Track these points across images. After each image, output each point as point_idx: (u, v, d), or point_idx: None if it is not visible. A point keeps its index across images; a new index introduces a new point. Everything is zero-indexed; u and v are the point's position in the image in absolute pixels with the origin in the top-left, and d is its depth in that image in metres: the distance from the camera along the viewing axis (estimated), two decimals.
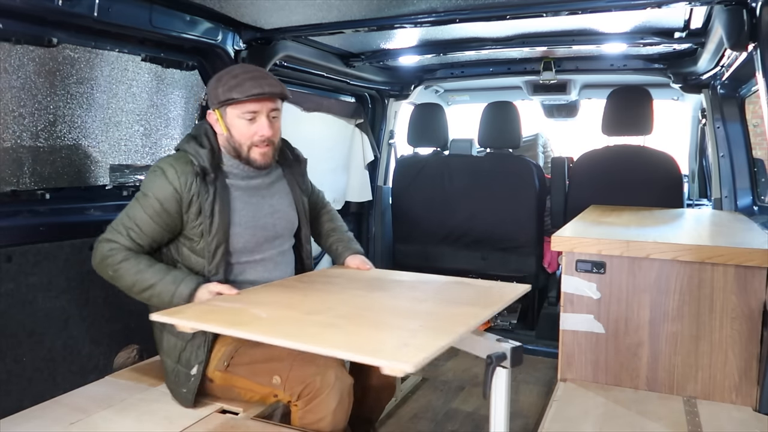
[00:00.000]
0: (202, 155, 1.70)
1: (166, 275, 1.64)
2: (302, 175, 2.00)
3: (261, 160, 1.75)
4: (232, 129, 1.73)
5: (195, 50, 2.30)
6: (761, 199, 2.86)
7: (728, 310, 1.72)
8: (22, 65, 1.79)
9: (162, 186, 1.67)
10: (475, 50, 2.97)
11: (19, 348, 1.78)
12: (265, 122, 1.71)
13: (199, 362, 1.68)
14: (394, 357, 1.10)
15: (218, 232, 1.70)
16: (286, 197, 1.92)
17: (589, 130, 4.47)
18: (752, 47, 1.85)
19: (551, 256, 3.41)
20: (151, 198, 1.67)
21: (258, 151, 1.74)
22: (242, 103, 1.68)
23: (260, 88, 1.67)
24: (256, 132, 1.71)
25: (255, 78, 1.69)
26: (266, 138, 1.72)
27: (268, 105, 1.71)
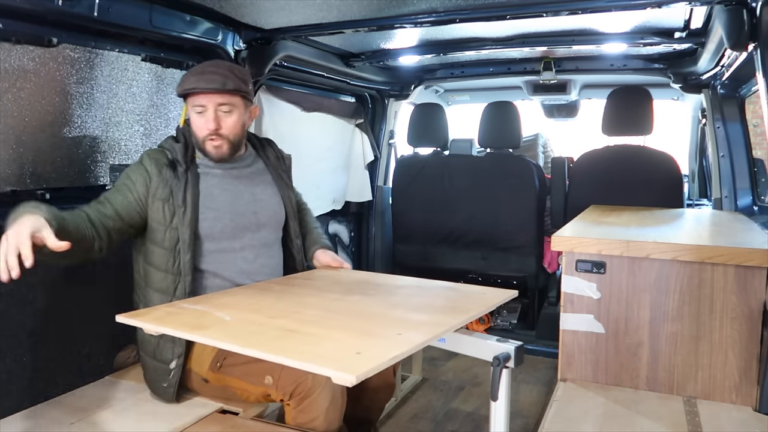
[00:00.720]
0: (175, 148, 1.79)
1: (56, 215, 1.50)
2: (287, 171, 2.04)
3: (214, 152, 1.80)
4: (190, 120, 1.81)
5: (195, 50, 2.30)
6: (761, 199, 2.86)
7: (728, 310, 1.72)
8: (22, 65, 1.79)
9: (136, 170, 1.75)
10: (475, 50, 2.97)
11: (19, 348, 1.78)
12: (211, 116, 1.75)
13: (178, 356, 1.69)
14: (344, 367, 1.07)
15: (191, 219, 1.72)
16: (270, 189, 1.94)
17: (589, 130, 4.47)
18: (752, 47, 1.85)
19: (551, 256, 3.42)
20: (125, 178, 1.75)
21: (210, 144, 1.79)
22: (194, 95, 1.74)
23: (196, 83, 1.72)
24: (204, 125, 1.77)
25: (202, 73, 1.74)
26: (212, 131, 1.76)
27: (215, 99, 1.74)
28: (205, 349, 1.70)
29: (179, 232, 1.71)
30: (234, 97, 1.76)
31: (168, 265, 1.72)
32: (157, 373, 1.72)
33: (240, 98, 1.78)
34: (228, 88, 1.73)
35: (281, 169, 2.00)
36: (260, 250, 1.87)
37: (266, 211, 1.90)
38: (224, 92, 1.74)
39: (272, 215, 1.92)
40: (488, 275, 3.49)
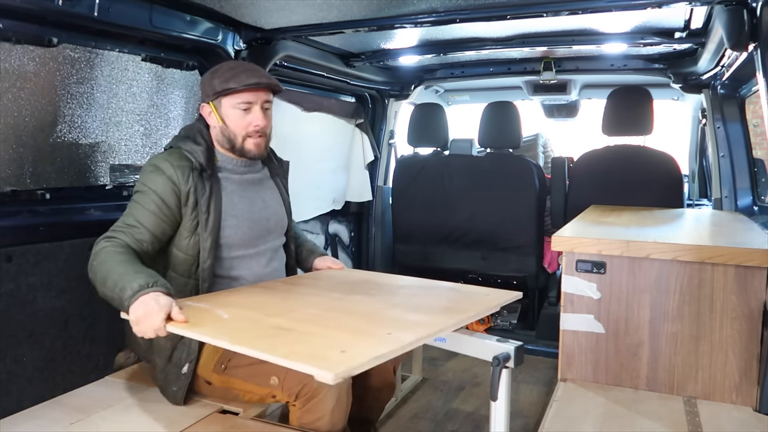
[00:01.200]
0: (198, 152, 1.73)
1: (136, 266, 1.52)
2: (285, 177, 2.05)
3: (255, 150, 1.79)
4: (226, 120, 1.76)
5: (195, 50, 2.30)
6: (761, 199, 2.86)
7: (728, 310, 1.71)
8: (22, 65, 1.79)
9: (159, 181, 1.67)
10: (475, 50, 2.97)
11: (19, 348, 1.78)
12: (260, 113, 1.76)
13: (191, 360, 1.69)
14: (325, 365, 1.08)
15: (213, 228, 1.71)
16: (275, 194, 1.96)
17: (589, 130, 4.47)
18: (752, 47, 1.85)
19: (551, 256, 3.42)
20: (150, 193, 1.67)
21: (252, 141, 1.78)
22: (238, 93, 1.72)
23: (257, 78, 1.73)
24: (251, 122, 1.75)
25: (250, 70, 1.76)
26: (260, 128, 1.77)
27: (262, 96, 1.76)
28: (211, 352, 1.70)
29: (201, 238, 1.70)
30: (271, 95, 1.80)
31: (191, 270, 1.72)
32: (170, 377, 1.71)
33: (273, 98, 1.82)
34: (279, 86, 1.79)
35: (281, 175, 2.02)
36: (272, 255, 1.90)
37: (275, 216, 1.92)
38: (268, 89, 1.77)
39: (279, 221, 1.94)
40: (488, 275, 3.49)
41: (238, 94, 1.73)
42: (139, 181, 1.72)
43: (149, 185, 1.68)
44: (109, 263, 1.53)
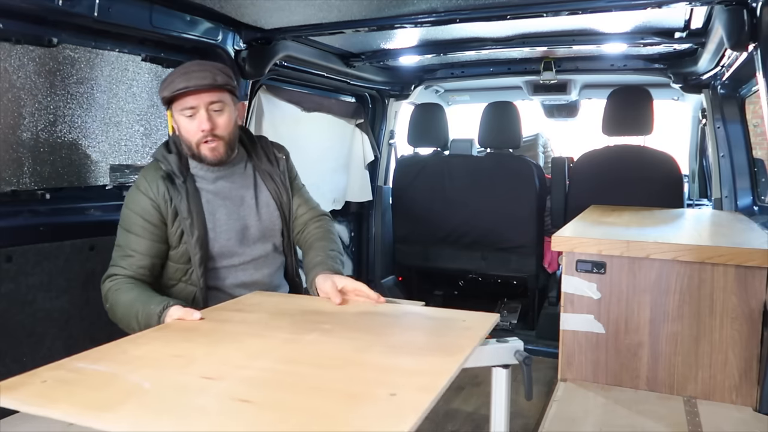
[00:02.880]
0: (169, 160, 1.68)
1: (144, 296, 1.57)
2: (283, 173, 1.87)
3: (211, 155, 1.67)
4: (179, 128, 1.68)
5: (195, 50, 2.30)
6: (761, 199, 2.86)
7: (728, 310, 1.71)
8: (22, 65, 1.79)
9: (137, 200, 1.66)
10: (475, 50, 2.97)
11: (19, 348, 1.78)
12: (204, 116, 1.63)
13: None
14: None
15: (199, 232, 1.67)
16: (264, 195, 1.83)
17: (590, 130, 4.47)
18: (752, 47, 1.85)
19: (551, 256, 3.42)
20: (132, 215, 1.65)
21: (206, 147, 1.66)
22: (179, 99, 1.62)
23: (186, 82, 1.59)
24: (197, 128, 1.64)
25: (186, 73, 1.62)
26: (207, 131, 1.63)
27: (205, 98, 1.62)
28: None
29: (189, 245, 1.67)
30: (223, 93, 1.66)
31: (185, 278, 1.71)
32: None
33: (229, 95, 1.68)
34: (218, 83, 1.63)
35: (274, 172, 1.85)
36: (261, 261, 1.81)
37: (263, 220, 1.81)
38: (214, 89, 1.63)
39: (268, 224, 1.82)
40: (488, 275, 3.49)
41: (180, 100, 1.62)
42: (125, 202, 1.69)
43: (131, 208, 1.66)
44: (122, 304, 1.58)
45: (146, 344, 1.26)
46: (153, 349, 1.22)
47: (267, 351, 1.18)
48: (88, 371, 1.09)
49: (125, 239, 1.66)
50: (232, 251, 1.75)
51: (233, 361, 1.12)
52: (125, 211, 1.67)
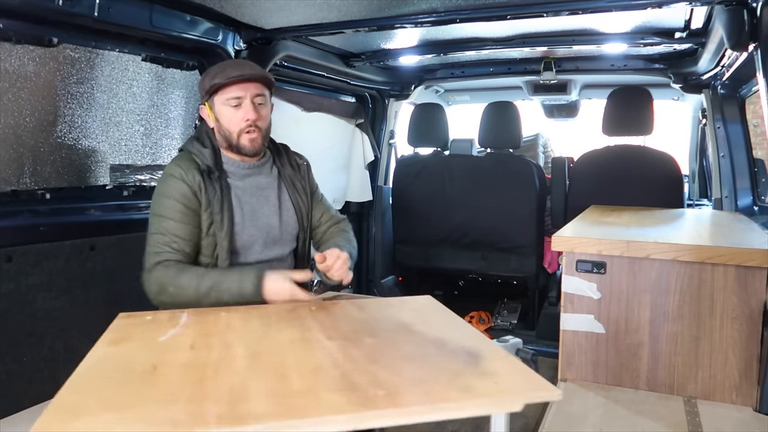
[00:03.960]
0: (205, 154, 1.72)
1: (227, 271, 1.64)
2: (303, 179, 1.95)
3: (250, 145, 1.74)
4: (220, 118, 1.73)
5: (195, 50, 2.30)
6: (761, 199, 2.86)
7: (728, 310, 1.71)
8: (22, 65, 1.79)
9: (175, 186, 1.67)
10: (475, 50, 2.98)
11: (19, 348, 1.78)
12: (249, 105, 1.71)
13: None
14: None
15: (228, 230, 1.70)
16: (286, 199, 1.89)
17: (590, 130, 4.47)
18: (753, 47, 1.85)
19: (551, 256, 3.41)
20: (170, 202, 1.66)
21: (247, 137, 1.73)
22: (226, 88, 1.69)
23: (240, 71, 1.70)
24: (242, 117, 1.71)
25: (237, 64, 1.75)
26: (252, 122, 1.71)
27: (252, 90, 1.72)
28: None
29: (217, 238, 1.69)
30: (266, 88, 1.76)
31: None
32: None
33: (268, 91, 1.78)
34: (267, 76, 1.75)
35: (296, 178, 1.92)
36: (274, 263, 1.83)
37: (283, 223, 1.86)
38: (259, 82, 1.73)
39: (287, 227, 1.87)
40: (488, 275, 3.49)
41: (226, 90, 1.70)
42: (157, 192, 1.70)
43: (169, 195, 1.67)
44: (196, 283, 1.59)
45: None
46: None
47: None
48: None
49: (165, 226, 1.65)
50: (253, 248, 1.79)
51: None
52: (162, 199, 1.67)
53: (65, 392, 1.03)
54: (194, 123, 2.46)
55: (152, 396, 0.99)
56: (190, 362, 1.13)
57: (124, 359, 1.20)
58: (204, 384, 1.02)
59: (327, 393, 0.97)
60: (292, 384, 1.01)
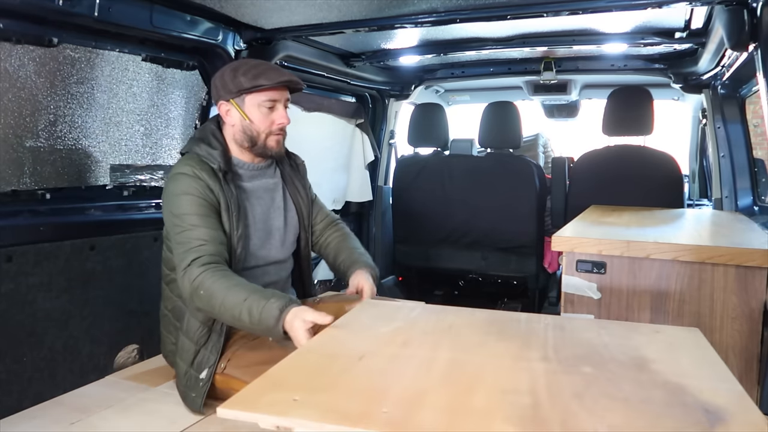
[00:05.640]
0: (215, 156, 1.70)
1: (257, 290, 1.55)
2: (302, 179, 1.98)
3: (276, 147, 1.77)
4: (250, 118, 1.72)
5: (195, 50, 2.30)
6: (762, 199, 2.85)
7: (729, 310, 1.71)
8: (22, 65, 1.79)
9: (190, 183, 1.64)
10: (475, 50, 2.97)
11: (20, 348, 1.78)
12: (283, 111, 1.75)
13: (209, 366, 1.67)
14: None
15: (243, 233, 1.70)
16: (288, 200, 1.91)
17: (590, 130, 4.47)
18: (753, 47, 1.85)
19: (551, 256, 3.41)
20: (189, 197, 1.63)
21: (274, 138, 1.75)
22: (264, 91, 1.70)
23: (287, 76, 1.72)
24: (275, 120, 1.73)
25: (275, 69, 1.75)
26: (284, 125, 1.76)
27: (285, 94, 1.75)
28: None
29: (232, 242, 1.68)
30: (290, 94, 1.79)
31: None
32: (190, 382, 1.69)
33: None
34: (301, 85, 1.77)
35: (296, 178, 1.95)
36: (279, 264, 1.86)
37: (288, 225, 1.88)
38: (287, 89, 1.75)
39: (291, 229, 1.89)
40: (488, 275, 3.49)
41: (265, 92, 1.70)
42: (169, 193, 1.67)
43: (183, 190, 1.64)
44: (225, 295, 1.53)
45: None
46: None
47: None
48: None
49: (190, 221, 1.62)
50: (261, 250, 1.79)
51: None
52: (179, 198, 1.64)
53: (279, 367, 1.10)
54: (194, 123, 2.46)
55: (342, 384, 1.02)
56: (394, 358, 1.15)
57: (341, 344, 1.24)
58: (392, 383, 1.03)
59: (501, 421, 0.88)
60: (474, 402, 0.95)
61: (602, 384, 1.02)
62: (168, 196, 1.68)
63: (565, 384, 1.02)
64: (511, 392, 0.98)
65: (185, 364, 1.70)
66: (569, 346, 1.22)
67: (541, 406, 0.93)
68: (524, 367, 1.10)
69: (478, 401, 0.95)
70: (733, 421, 0.88)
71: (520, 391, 0.98)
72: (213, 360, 1.68)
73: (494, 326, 1.35)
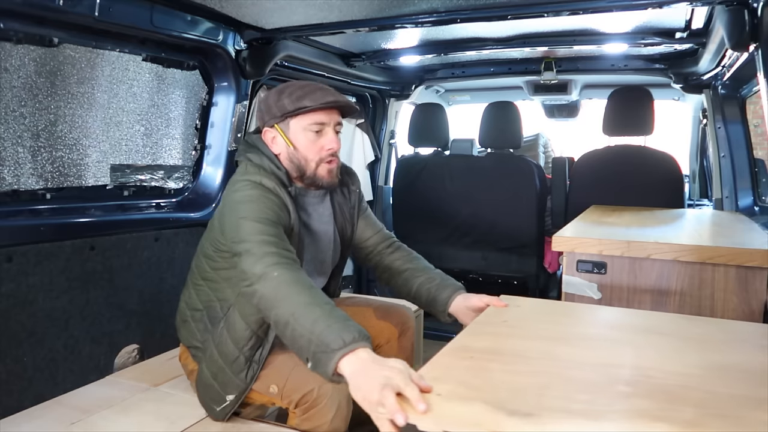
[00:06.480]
0: (282, 175, 1.58)
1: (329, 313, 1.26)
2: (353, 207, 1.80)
3: (328, 177, 1.62)
4: (296, 143, 1.60)
5: (196, 50, 2.30)
6: (762, 199, 2.85)
7: (729, 310, 1.71)
8: (23, 65, 1.79)
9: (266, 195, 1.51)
10: (476, 50, 2.97)
11: (20, 348, 1.78)
12: (333, 135, 1.60)
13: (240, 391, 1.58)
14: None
15: (300, 249, 1.58)
16: (332, 229, 1.78)
17: (590, 130, 4.47)
18: (753, 47, 1.85)
19: (552, 257, 3.41)
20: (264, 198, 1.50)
21: (326, 167, 1.61)
22: (310, 113, 1.57)
23: (334, 96, 1.58)
24: (324, 145, 1.59)
25: (323, 89, 1.60)
26: (334, 151, 1.61)
27: (335, 117, 1.61)
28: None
29: None
30: (341, 117, 1.65)
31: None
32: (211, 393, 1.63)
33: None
34: (353, 107, 1.63)
35: (345, 205, 1.80)
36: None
37: (331, 250, 1.78)
38: (338, 111, 1.61)
39: (334, 255, 1.80)
40: (489, 275, 3.49)
41: (311, 115, 1.57)
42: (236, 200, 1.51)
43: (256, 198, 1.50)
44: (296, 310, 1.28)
45: None
46: None
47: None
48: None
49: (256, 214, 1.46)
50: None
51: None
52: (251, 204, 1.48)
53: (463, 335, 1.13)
54: (194, 123, 2.46)
55: (496, 383, 1.00)
56: (590, 363, 1.11)
57: (528, 342, 1.22)
58: (555, 391, 0.98)
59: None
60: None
61: None
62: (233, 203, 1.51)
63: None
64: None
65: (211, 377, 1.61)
66: None
67: None
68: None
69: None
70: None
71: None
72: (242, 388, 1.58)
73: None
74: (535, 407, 0.91)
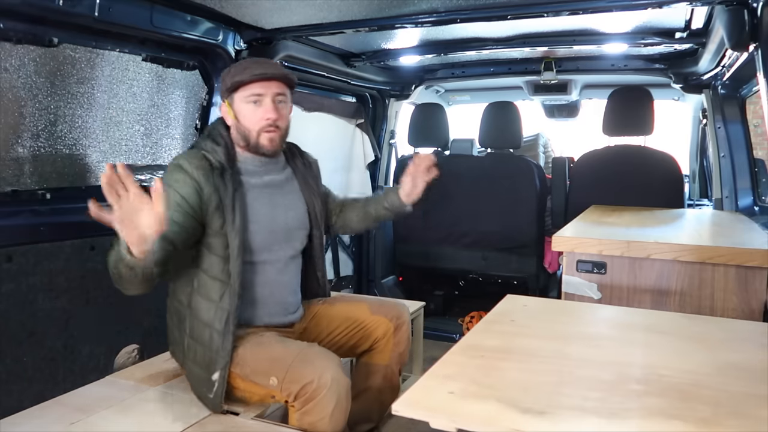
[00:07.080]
0: (218, 152, 1.70)
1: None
2: (315, 177, 1.98)
3: (269, 145, 1.74)
4: (239, 115, 1.73)
5: (196, 50, 2.30)
6: (762, 199, 2.85)
7: (729, 310, 1.71)
8: (22, 65, 1.79)
9: (180, 178, 1.64)
10: (475, 50, 2.97)
11: (20, 348, 1.78)
12: (270, 105, 1.71)
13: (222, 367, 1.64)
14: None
15: (240, 227, 1.68)
16: (298, 197, 1.90)
17: (590, 130, 4.47)
18: (753, 47, 1.85)
19: (552, 257, 3.41)
20: (170, 190, 1.59)
21: (266, 136, 1.73)
22: (248, 85, 1.69)
23: (262, 69, 1.70)
24: (262, 116, 1.71)
25: (260, 63, 1.75)
26: (272, 121, 1.71)
27: (273, 89, 1.72)
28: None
29: (229, 238, 1.66)
30: (286, 88, 1.76)
31: (221, 271, 1.67)
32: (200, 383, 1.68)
33: (289, 90, 1.77)
34: (288, 76, 1.74)
35: (309, 176, 1.95)
36: (288, 261, 1.85)
37: (296, 221, 1.86)
38: (280, 81, 1.73)
39: (300, 225, 1.88)
40: (489, 275, 3.49)
41: (248, 87, 1.70)
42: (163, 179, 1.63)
43: (175, 187, 1.63)
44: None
45: None
46: None
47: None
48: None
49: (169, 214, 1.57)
50: (268, 247, 1.78)
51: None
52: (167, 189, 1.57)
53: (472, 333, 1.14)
54: (195, 123, 2.46)
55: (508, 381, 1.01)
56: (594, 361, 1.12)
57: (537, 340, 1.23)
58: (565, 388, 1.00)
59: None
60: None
61: None
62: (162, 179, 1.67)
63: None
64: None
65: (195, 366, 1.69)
66: None
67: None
68: None
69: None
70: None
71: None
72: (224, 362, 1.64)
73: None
74: (548, 405, 0.92)
